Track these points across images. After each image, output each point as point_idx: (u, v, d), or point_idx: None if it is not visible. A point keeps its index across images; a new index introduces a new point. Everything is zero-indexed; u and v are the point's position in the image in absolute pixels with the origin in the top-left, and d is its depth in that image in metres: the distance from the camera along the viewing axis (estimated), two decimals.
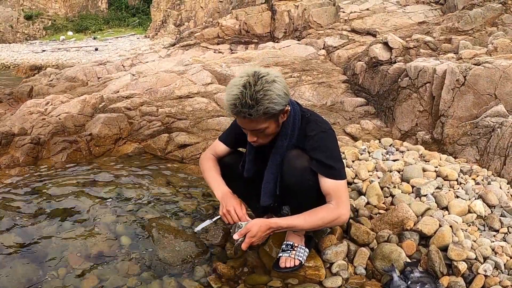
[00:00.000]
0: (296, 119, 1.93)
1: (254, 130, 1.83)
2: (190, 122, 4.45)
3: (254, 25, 9.99)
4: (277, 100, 1.73)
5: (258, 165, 2.07)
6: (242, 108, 1.70)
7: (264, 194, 2.02)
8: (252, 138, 1.88)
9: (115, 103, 4.94)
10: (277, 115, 1.82)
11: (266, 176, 2.01)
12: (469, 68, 3.68)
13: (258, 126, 1.80)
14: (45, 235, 2.31)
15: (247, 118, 1.74)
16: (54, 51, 27.26)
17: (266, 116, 1.75)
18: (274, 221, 1.85)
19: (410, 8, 8.40)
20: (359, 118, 4.69)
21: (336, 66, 6.47)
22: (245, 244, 1.80)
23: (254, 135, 1.87)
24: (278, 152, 1.95)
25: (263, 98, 1.69)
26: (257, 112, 1.71)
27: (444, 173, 2.74)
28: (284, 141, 1.93)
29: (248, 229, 1.81)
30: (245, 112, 1.71)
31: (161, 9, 29.94)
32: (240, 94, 1.69)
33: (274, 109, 1.74)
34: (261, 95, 1.69)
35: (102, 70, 8.59)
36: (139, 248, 2.26)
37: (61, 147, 3.92)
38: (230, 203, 1.94)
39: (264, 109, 1.71)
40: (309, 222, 1.85)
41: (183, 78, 5.84)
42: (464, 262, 2.00)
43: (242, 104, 1.69)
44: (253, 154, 2.06)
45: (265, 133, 1.86)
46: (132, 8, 41.74)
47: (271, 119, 1.80)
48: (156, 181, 3.18)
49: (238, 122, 1.86)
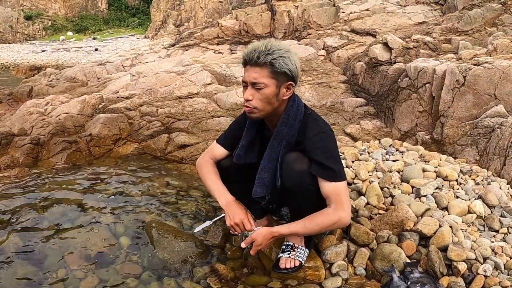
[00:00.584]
0: (299, 110, 1.92)
1: (254, 82, 1.81)
2: (190, 123, 4.45)
3: (254, 26, 9.98)
4: (287, 61, 1.80)
5: (251, 157, 2.03)
6: (254, 51, 1.79)
7: (258, 185, 1.96)
8: (248, 95, 1.84)
9: (115, 103, 4.94)
10: (280, 79, 1.82)
11: (262, 164, 1.96)
12: (469, 68, 3.68)
13: (259, 77, 1.80)
14: (44, 236, 2.31)
15: (253, 62, 1.79)
16: (54, 52, 27.25)
17: (271, 68, 1.79)
18: (276, 229, 1.91)
19: (410, 9, 8.39)
20: (359, 119, 4.69)
21: (336, 67, 6.46)
22: (253, 251, 1.91)
23: (251, 92, 1.83)
24: (277, 138, 1.92)
25: (275, 52, 1.78)
26: (265, 58, 1.77)
27: (444, 173, 2.73)
28: (284, 128, 1.90)
29: (253, 239, 1.88)
30: (255, 54, 1.78)
31: (161, 10, 29.94)
32: (258, 43, 1.82)
33: (281, 66, 1.78)
34: (275, 48, 1.79)
35: (102, 71, 8.59)
36: (139, 249, 2.26)
37: (61, 148, 3.92)
38: (237, 214, 1.92)
39: (272, 59, 1.77)
40: (310, 227, 1.87)
41: (183, 78, 5.84)
42: (464, 263, 2.00)
43: (255, 49, 1.79)
44: (246, 140, 2.02)
45: (262, 94, 1.82)
46: (132, 8, 41.75)
47: (273, 77, 1.81)
48: (156, 181, 3.18)
49: (244, 77, 1.87)
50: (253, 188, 1.98)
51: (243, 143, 2.03)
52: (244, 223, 1.92)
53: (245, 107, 1.89)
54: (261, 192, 1.97)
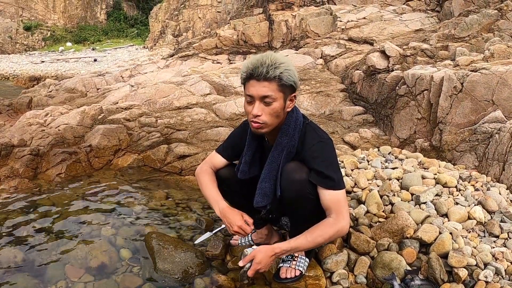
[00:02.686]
0: (298, 120, 1.93)
1: (263, 96, 1.79)
2: (189, 133, 4.46)
3: (252, 35, 10.05)
4: (293, 75, 1.80)
5: (254, 171, 2.04)
6: (261, 66, 1.76)
7: (258, 194, 1.97)
8: (257, 111, 1.81)
9: (114, 114, 4.96)
10: (287, 92, 1.83)
11: (263, 174, 1.97)
12: (466, 74, 3.70)
13: (268, 91, 1.78)
14: (44, 248, 2.31)
15: (261, 78, 1.77)
16: (53, 62, 27.32)
17: (279, 82, 1.78)
18: (277, 246, 1.85)
19: (407, 16, 8.45)
20: (357, 127, 4.70)
21: (334, 75, 6.49)
22: (252, 270, 1.79)
23: (261, 108, 1.81)
24: (278, 149, 1.93)
25: (281, 65, 1.78)
26: (274, 72, 1.76)
27: (443, 180, 2.74)
28: (285, 138, 1.91)
29: (253, 256, 1.80)
30: (263, 69, 1.76)
31: (159, 20, 30.09)
32: (261, 57, 1.79)
33: (288, 79, 1.79)
34: (280, 62, 1.78)
35: (101, 81, 8.62)
36: (139, 260, 2.26)
37: (60, 159, 3.92)
38: (234, 222, 1.92)
39: (280, 72, 1.76)
40: (312, 240, 1.83)
41: (182, 89, 5.87)
42: (465, 269, 2.00)
43: (261, 63, 1.77)
44: (249, 155, 2.03)
45: (271, 108, 1.81)
46: (130, 19, 41.96)
47: (281, 90, 1.80)
48: (156, 193, 3.18)
49: (248, 91, 1.82)
50: (255, 198, 1.99)
51: (246, 159, 2.04)
52: (243, 229, 1.92)
53: (253, 122, 1.84)
54: (262, 202, 1.98)
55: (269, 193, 1.96)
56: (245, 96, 1.87)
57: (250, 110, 1.83)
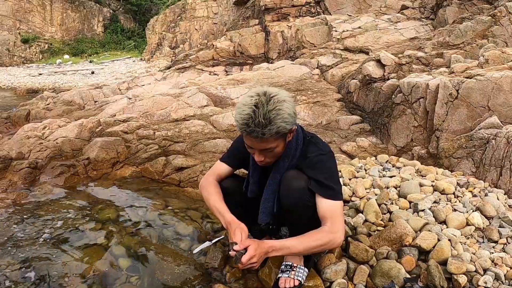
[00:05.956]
0: (299, 140, 1.96)
1: (264, 149, 1.82)
2: (187, 145, 4.46)
3: (249, 47, 10.12)
4: (288, 120, 1.74)
5: (261, 187, 2.07)
6: (255, 127, 1.69)
7: (263, 212, 2.04)
8: (259, 158, 1.87)
9: (112, 126, 4.96)
10: (286, 134, 1.84)
11: (265, 194, 2.02)
12: (462, 81, 3.73)
13: (268, 145, 1.80)
14: (43, 258, 2.30)
15: (259, 138, 1.74)
16: (50, 75, 27.42)
17: (277, 135, 1.76)
18: (269, 241, 1.83)
19: (401, 25, 8.53)
20: (354, 136, 4.71)
21: (330, 85, 6.53)
22: (245, 258, 1.70)
23: (263, 154, 1.86)
24: (278, 172, 1.97)
25: (276, 118, 1.70)
26: (270, 131, 1.71)
27: (441, 187, 2.75)
28: (286, 162, 1.95)
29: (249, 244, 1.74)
30: (258, 131, 1.70)
31: (156, 32, 30.27)
32: (253, 113, 1.69)
33: (285, 129, 1.76)
34: (273, 115, 1.70)
35: (99, 94, 8.64)
36: (138, 271, 2.25)
37: (58, 171, 3.92)
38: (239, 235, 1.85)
39: (276, 128, 1.71)
40: (304, 242, 1.82)
41: (179, 101, 5.88)
42: (464, 275, 2.00)
43: (255, 123, 1.69)
44: (257, 176, 2.07)
45: (273, 152, 1.86)
46: (127, 31, 42.21)
47: (281, 138, 1.82)
48: (154, 204, 3.17)
49: (247, 142, 1.84)
50: (259, 216, 2.05)
51: (255, 180, 2.08)
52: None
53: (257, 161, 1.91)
54: (266, 220, 2.05)
55: (272, 210, 2.02)
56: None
57: (252, 152, 1.90)
